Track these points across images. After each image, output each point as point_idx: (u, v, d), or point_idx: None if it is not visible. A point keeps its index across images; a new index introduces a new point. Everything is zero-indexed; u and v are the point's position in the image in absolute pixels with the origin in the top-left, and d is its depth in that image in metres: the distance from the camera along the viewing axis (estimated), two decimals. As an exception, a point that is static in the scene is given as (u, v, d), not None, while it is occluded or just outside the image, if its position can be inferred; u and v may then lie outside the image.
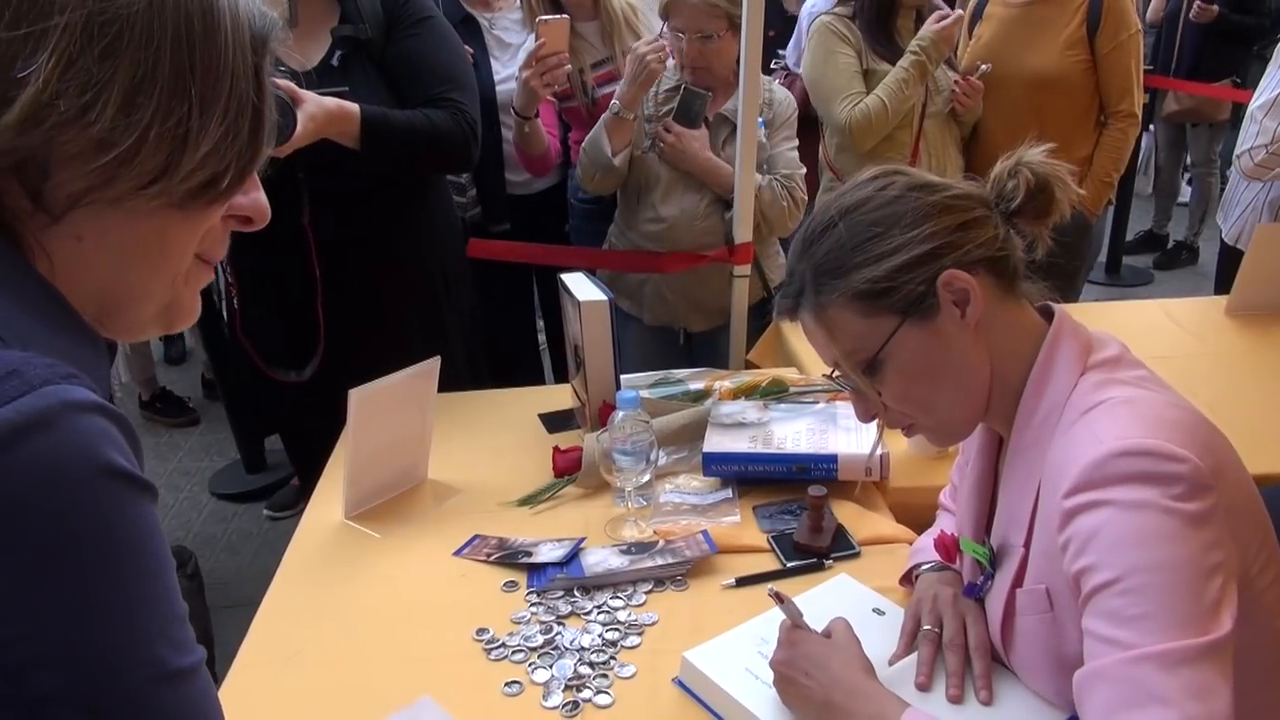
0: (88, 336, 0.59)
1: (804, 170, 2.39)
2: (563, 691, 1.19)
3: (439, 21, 2.00)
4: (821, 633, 1.11)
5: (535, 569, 1.43)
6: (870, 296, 1.00)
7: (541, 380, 3.16)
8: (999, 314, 1.02)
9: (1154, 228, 5.43)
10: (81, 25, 0.53)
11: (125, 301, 0.62)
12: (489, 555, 1.48)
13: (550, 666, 1.23)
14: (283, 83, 1.69)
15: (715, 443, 1.62)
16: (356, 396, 1.50)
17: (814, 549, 1.42)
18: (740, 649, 1.18)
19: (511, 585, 1.41)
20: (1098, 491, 0.87)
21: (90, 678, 0.48)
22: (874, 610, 1.26)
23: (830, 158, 2.77)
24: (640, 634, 1.29)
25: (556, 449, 1.72)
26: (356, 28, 1.89)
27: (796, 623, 1.11)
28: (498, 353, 2.86)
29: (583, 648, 1.26)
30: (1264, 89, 2.28)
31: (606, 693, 1.18)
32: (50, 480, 0.47)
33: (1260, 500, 0.97)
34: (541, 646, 1.27)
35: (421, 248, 2.07)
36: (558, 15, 2.32)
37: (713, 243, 2.29)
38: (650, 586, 1.39)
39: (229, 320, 2.05)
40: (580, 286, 1.79)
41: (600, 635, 1.28)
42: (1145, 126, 3.39)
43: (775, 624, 1.13)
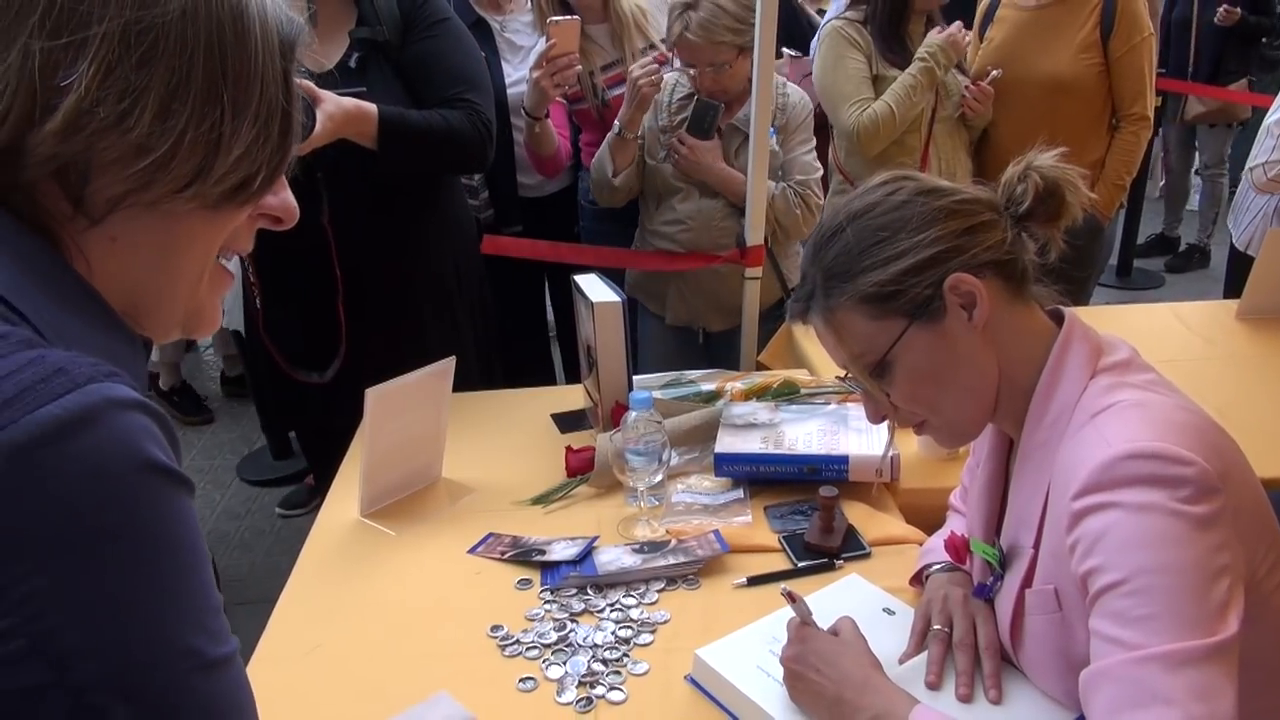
0: (124, 333, 0.61)
1: (820, 173, 2.40)
2: (576, 688, 1.21)
3: (455, 24, 2.02)
4: (828, 630, 1.12)
5: (549, 567, 1.45)
6: (878, 299, 1.01)
7: (553, 379, 3.18)
8: (1007, 317, 1.03)
9: (1165, 230, 5.42)
10: (119, 34, 0.55)
11: (155, 302, 0.64)
12: (503, 553, 1.50)
13: (564, 663, 1.25)
14: (303, 82, 1.71)
15: (727, 443, 1.64)
16: (373, 396, 1.51)
17: (825, 549, 1.43)
18: (752, 647, 1.20)
19: (525, 583, 1.43)
20: (1106, 493, 0.88)
21: (131, 667, 0.50)
22: (884, 610, 1.27)
23: (840, 161, 2.79)
24: (653, 632, 1.30)
25: (569, 449, 1.74)
26: (374, 29, 1.91)
27: (806, 620, 1.13)
28: (510, 351, 2.88)
29: (596, 645, 1.28)
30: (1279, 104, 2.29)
31: (619, 689, 1.20)
32: (95, 475, 0.49)
33: (1268, 503, 0.98)
34: (555, 643, 1.28)
35: (437, 247, 2.09)
36: (568, 16, 2.34)
37: (730, 244, 2.31)
38: (662, 585, 1.40)
39: (251, 320, 2.07)
40: (593, 288, 1.81)
41: (613, 633, 1.30)
42: (1155, 130, 3.39)
43: (786, 622, 1.15)
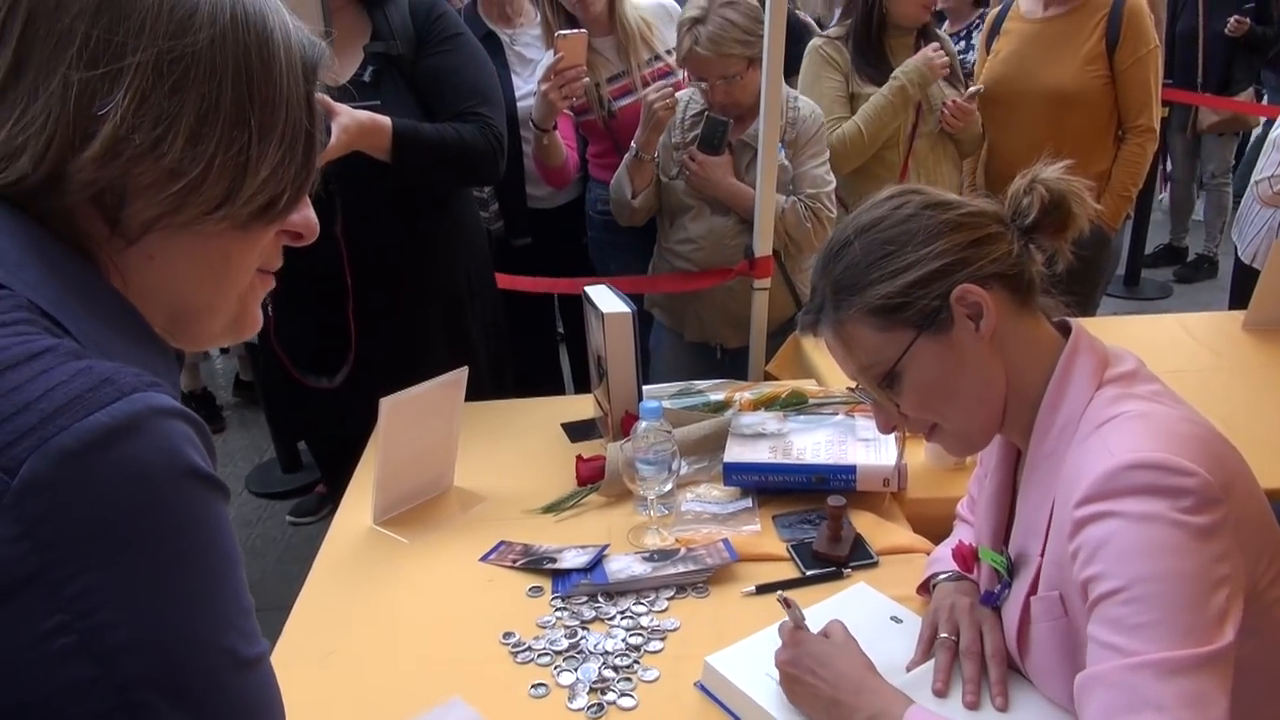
0: (159, 347, 0.64)
1: (832, 186, 2.41)
2: (588, 694, 1.22)
3: (468, 38, 2.05)
4: (819, 634, 1.15)
5: (560, 575, 1.47)
6: (886, 311, 1.03)
7: (561, 387, 3.20)
8: (1014, 327, 1.05)
9: (1172, 241, 5.43)
10: (153, 64, 0.57)
11: (195, 314, 0.67)
12: (514, 561, 1.52)
13: (575, 670, 1.26)
14: (319, 96, 1.74)
15: (736, 453, 1.65)
16: (387, 405, 1.54)
17: (833, 558, 1.45)
18: (761, 654, 1.21)
19: (537, 590, 1.44)
20: (1108, 502, 0.90)
21: (172, 663, 0.52)
22: (892, 618, 1.28)
23: None
24: (663, 639, 1.32)
25: (580, 458, 1.75)
26: (388, 44, 1.94)
27: (799, 624, 1.15)
28: (519, 360, 2.91)
29: (607, 652, 1.29)
30: None
31: (630, 695, 1.22)
32: (140, 479, 0.51)
33: (1272, 515, 0.99)
34: (567, 650, 1.30)
35: (449, 257, 2.12)
36: (575, 30, 2.37)
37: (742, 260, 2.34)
38: (672, 593, 1.42)
39: (263, 326, 2.10)
40: (604, 298, 1.83)
41: (624, 640, 1.31)
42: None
43: (779, 627, 1.18)
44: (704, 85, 2.30)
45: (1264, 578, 0.94)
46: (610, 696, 1.22)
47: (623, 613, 1.38)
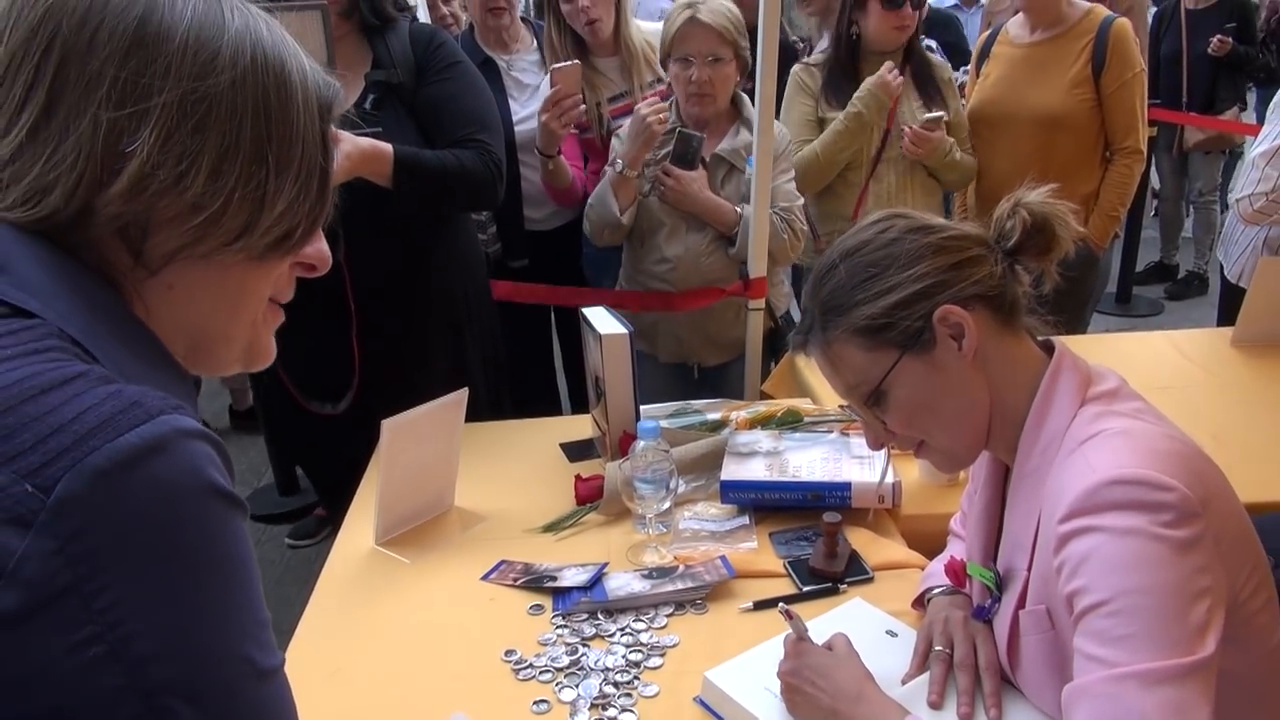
0: (179, 373, 0.67)
1: (801, 201, 2.47)
2: (589, 710, 1.24)
3: (467, 66, 2.09)
4: (822, 646, 1.17)
5: (560, 593, 1.49)
6: (871, 332, 1.07)
7: (558, 407, 3.22)
8: (998, 347, 1.08)
9: (1163, 258, 5.49)
10: (177, 104, 0.60)
11: (212, 342, 0.70)
12: (515, 580, 1.54)
13: (576, 686, 1.28)
14: None
15: (732, 471, 1.68)
16: (389, 426, 1.56)
17: (829, 574, 1.47)
18: (759, 668, 1.23)
19: (537, 609, 1.46)
20: (1090, 517, 0.92)
21: (195, 672, 0.54)
22: (887, 632, 1.31)
23: None
24: (662, 655, 1.34)
25: (579, 477, 1.78)
26: (389, 72, 1.98)
27: (801, 636, 1.18)
28: (517, 381, 2.94)
29: (607, 668, 1.31)
30: (1265, 136, 2.33)
31: (631, 711, 1.24)
32: (166, 496, 0.54)
33: (1251, 527, 1.02)
34: (568, 667, 1.32)
35: (448, 281, 2.15)
36: (570, 62, 2.44)
37: (719, 279, 2.36)
38: (671, 610, 1.44)
39: None
40: (601, 320, 1.86)
41: (624, 656, 1.33)
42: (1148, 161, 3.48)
43: (783, 638, 1.20)
44: (691, 62, 2.29)
45: (1244, 589, 0.97)
46: (611, 712, 1.23)
47: (623, 630, 1.40)
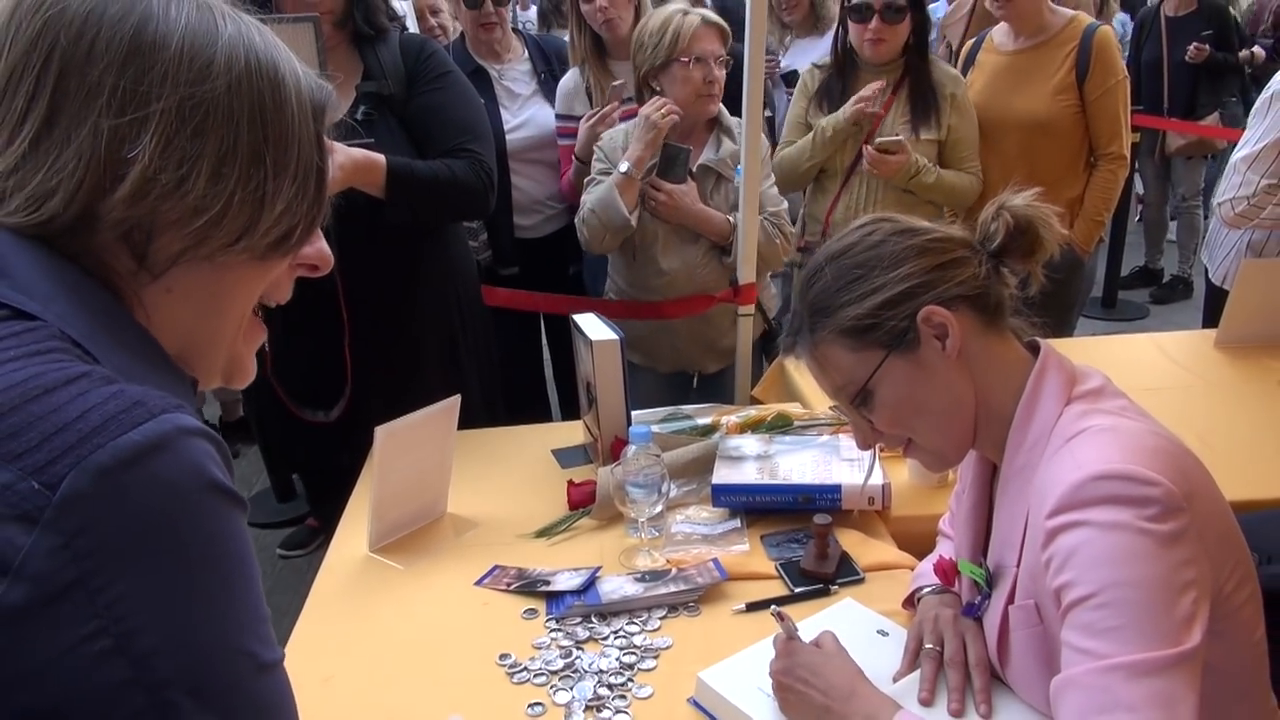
0: (179, 375, 0.68)
1: (785, 205, 2.50)
2: (584, 712, 1.25)
3: (458, 76, 2.10)
4: (811, 644, 1.19)
5: (554, 597, 1.50)
6: (856, 332, 1.09)
7: (549, 413, 3.23)
8: (982, 347, 1.10)
9: (1147, 262, 5.54)
10: (176, 109, 0.62)
11: (202, 348, 0.70)
12: (509, 584, 1.54)
13: (571, 689, 1.29)
14: None
15: (723, 475, 1.69)
16: (382, 433, 1.57)
17: (820, 575, 1.48)
18: (752, 668, 1.24)
19: (531, 613, 1.47)
20: (1077, 512, 0.94)
21: (200, 666, 0.55)
22: (879, 632, 1.32)
23: None
24: (656, 657, 1.35)
25: (571, 483, 1.79)
26: (380, 83, 2.00)
27: (791, 635, 1.19)
28: (508, 387, 2.94)
29: (601, 670, 1.32)
30: (1247, 140, 2.36)
31: (625, 713, 1.24)
32: (169, 493, 0.55)
33: (1235, 522, 1.03)
34: (562, 670, 1.33)
35: (441, 289, 2.16)
36: (622, 80, 2.58)
37: (715, 288, 2.38)
38: (664, 612, 1.45)
39: (260, 362, 2.13)
40: (592, 326, 1.87)
41: (618, 659, 1.34)
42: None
43: (773, 638, 1.21)
44: (702, 63, 2.29)
45: (1229, 583, 0.98)
46: (605, 714, 1.24)
47: (616, 632, 1.40)
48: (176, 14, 0.63)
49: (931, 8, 3.59)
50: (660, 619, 1.44)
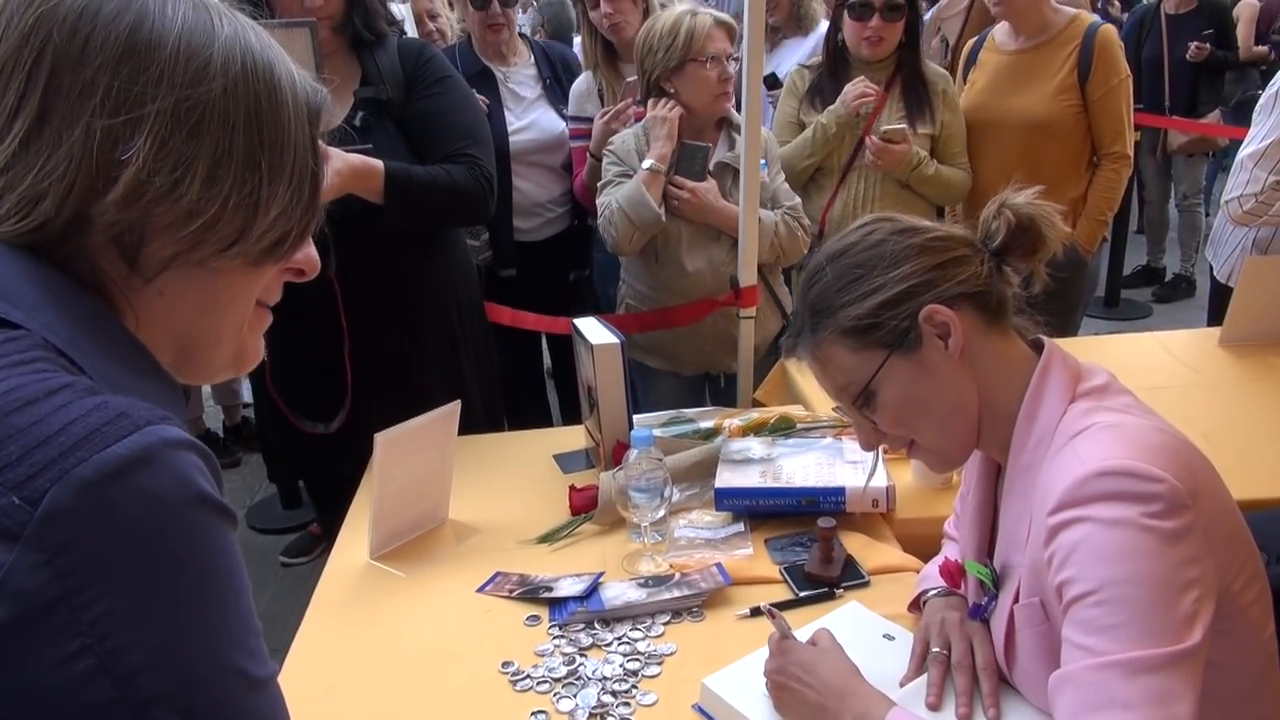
0: (167, 382, 0.66)
1: (799, 200, 2.51)
2: (587, 719, 1.24)
3: (456, 81, 2.10)
4: (807, 642, 1.18)
5: (556, 603, 1.49)
6: (858, 332, 1.08)
7: (549, 420, 3.22)
8: (985, 346, 1.09)
9: (1150, 261, 5.52)
10: (171, 111, 0.61)
11: (201, 347, 0.69)
12: (511, 591, 1.53)
13: (574, 696, 1.28)
14: None
15: (726, 479, 1.68)
16: (382, 440, 1.56)
17: (825, 579, 1.47)
18: (757, 674, 1.23)
19: (534, 619, 1.46)
20: (1079, 509, 0.93)
21: (188, 684, 0.54)
22: (885, 636, 1.31)
23: None
24: (660, 663, 1.34)
25: (573, 488, 1.78)
26: (378, 88, 1.99)
27: (786, 634, 1.18)
28: (508, 392, 2.94)
29: (605, 677, 1.31)
30: (1253, 137, 2.34)
31: (629, 720, 1.23)
32: (154, 507, 0.54)
33: (1241, 520, 1.02)
34: (565, 677, 1.32)
35: (441, 295, 2.15)
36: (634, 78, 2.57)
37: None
38: (668, 618, 1.44)
39: (258, 372, 2.12)
40: (592, 330, 1.86)
41: (621, 665, 1.33)
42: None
43: (768, 638, 1.21)
44: (722, 61, 2.31)
45: (1236, 581, 0.97)
46: (609, 721, 1.23)
47: (619, 639, 1.39)
48: (173, 13, 0.62)
49: None
50: (664, 625, 1.42)
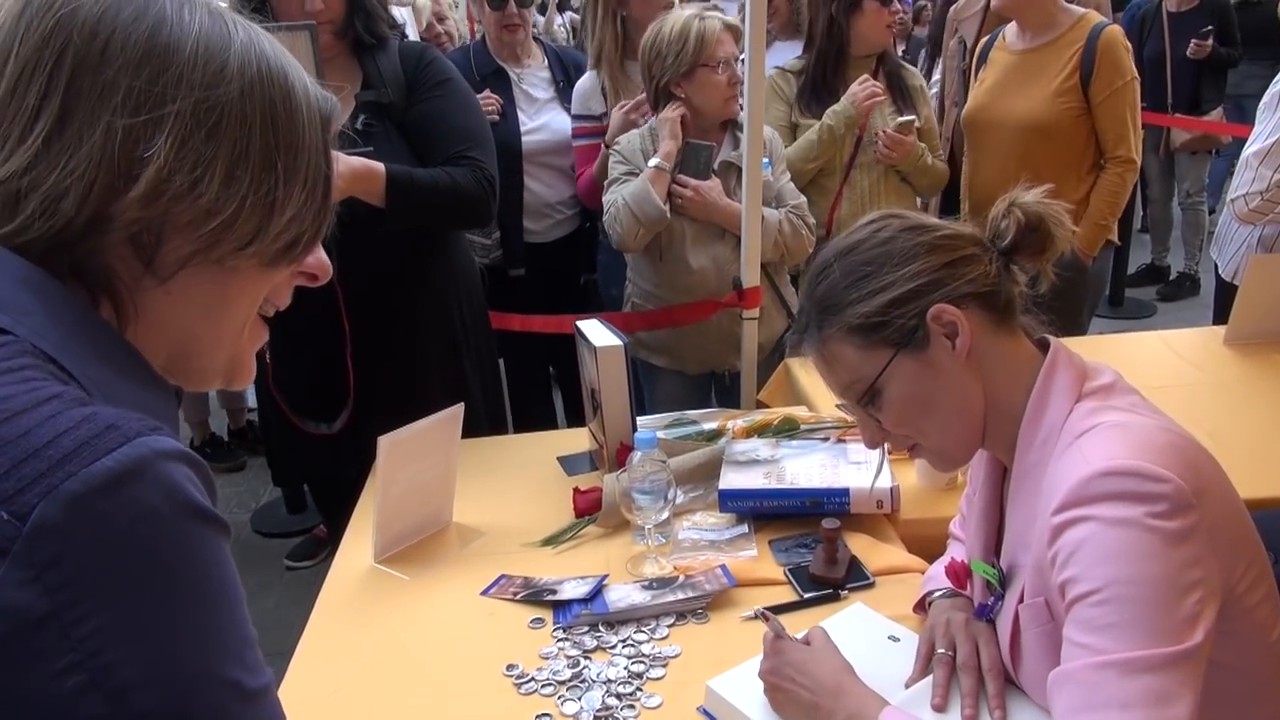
0: (160, 387, 0.66)
1: (804, 199, 2.52)
2: (592, 722, 1.24)
3: (458, 83, 2.10)
4: (800, 641, 1.18)
5: (560, 606, 1.48)
6: (865, 330, 1.07)
7: (554, 422, 3.22)
8: (992, 345, 1.08)
9: (1154, 260, 5.51)
10: (191, 111, 0.62)
11: (201, 349, 0.69)
12: (515, 594, 1.53)
13: (579, 699, 1.28)
14: None
15: (730, 480, 1.68)
16: (385, 443, 1.56)
17: (830, 580, 1.47)
18: (762, 676, 1.23)
19: (538, 622, 1.46)
20: (1084, 508, 0.93)
21: (180, 698, 0.53)
22: (890, 637, 1.30)
23: None
24: (664, 666, 1.34)
25: (577, 490, 1.77)
26: (379, 92, 1.99)
27: (780, 635, 1.18)
28: (513, 394, 2.94)
29: (609, 680, 1.31)
30: (1258, 135, 2.32)
31: (634, 722, 1.23)
32: (145, 520, 0.53)
33: (1249, 520, 1.02)
34: (570, 680, 1.31)
35: (443, 298, 2.15)
36: None
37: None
38: (672, 620, 1.43)
39: (261, 374, 2.12)
40: (596, 332, 1.86)
41: (626, 668, 1.33)
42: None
43: (762, 638, 1.20)
44: (732, 64, 2.31)
45: (1242, 582, 0.97)
46: (614, 724, 1.23)
47: (624, 641, 1.39)
48: (190, 19, 0.63)
49: None
50: (668, 627, 1.42)
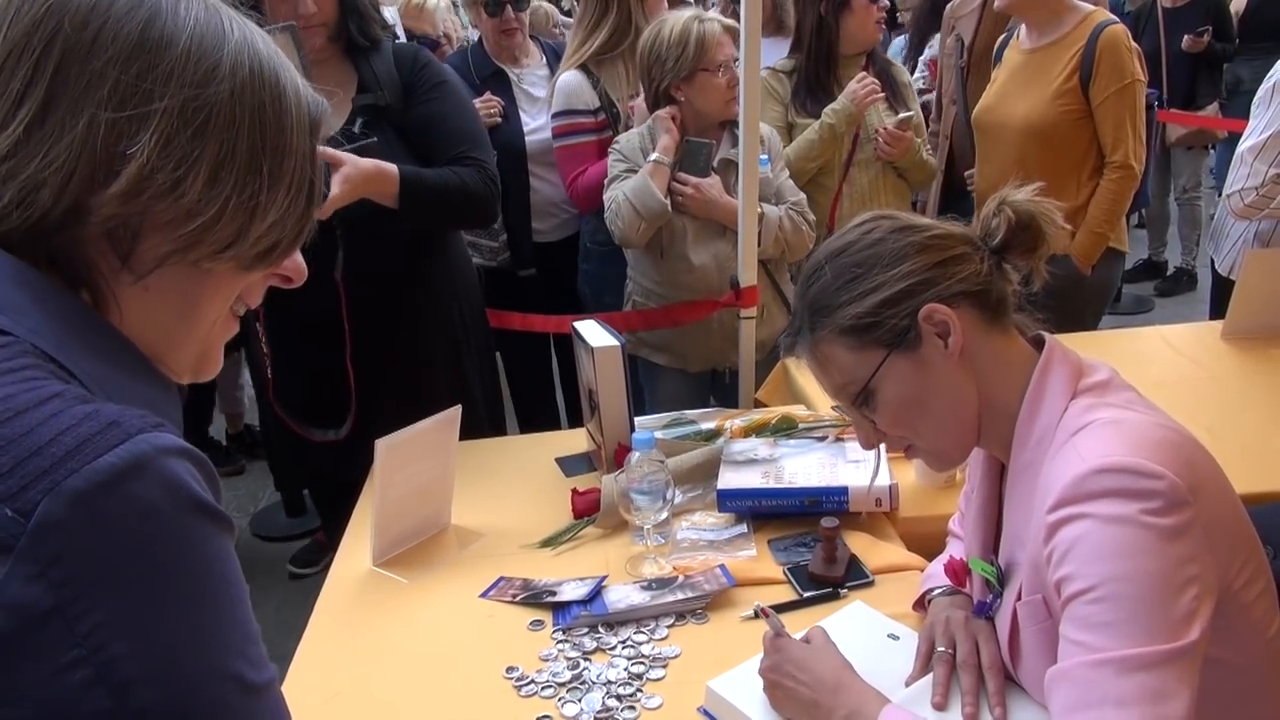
0: (160, 381, 0.66)
1: (804, 196, 2.52)
2: (592, 723, 1.23)
3: (453, 85, 2.10)
4: (800, 639, 1.18)
5: (560, 607, 1.48)
6: (857, 331, 1.07)
7: (557, 423, 3.22)
8: (985, 344, 1.08)
9: (1151, 255, 5.51)
10: (178, 110, 0.61)
11: (169, 348, 0.69)
12: (514, 596, 1.53)
13: (579, 700, 1.27)
14: (323, 149, 1.79)
15: (729, 480, 1.68)
16: (383, 446, 1.56)
17: (829, 579, 1.47)
18: (762, 676, 1.23)
19: (538, 624, 1.46)
20: (1079, 505, 0.93)
21: (183, 692, 0.54)
22: (889, 635, 1.30)
23: None
24: (664, 666, 1.33)
25: (575, 491, 1.77)
26: (376, 95, 1.99)
27: (780, 632, 1.18)
28: (515, 397, 2.94)
29: (609, 681, 1.31)
30: (1252, 131, 2.31)
31: (634, 723, 1.23)
32: (148, 516, 0.54)
33: (1245, 516, 1.02)
34: (570, 682, 1.31)
35: (444, 298, 2.16)
36: None
37: None
38: (672, 620, 1.43)
39: (263, 387, 2.12)
40: (593, 333, 1.86)
41: (626, 669, 1.33)
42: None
43: (762, 636, 1.20)
44: (731, 67, 2.31)
45: (1238, 578, 0.97)
46: (614, 725, 1.23)
47: (624, 642, 1.39)
48: (185, 13, 0.63)
49: None
50: (668, 627, 1.42)
